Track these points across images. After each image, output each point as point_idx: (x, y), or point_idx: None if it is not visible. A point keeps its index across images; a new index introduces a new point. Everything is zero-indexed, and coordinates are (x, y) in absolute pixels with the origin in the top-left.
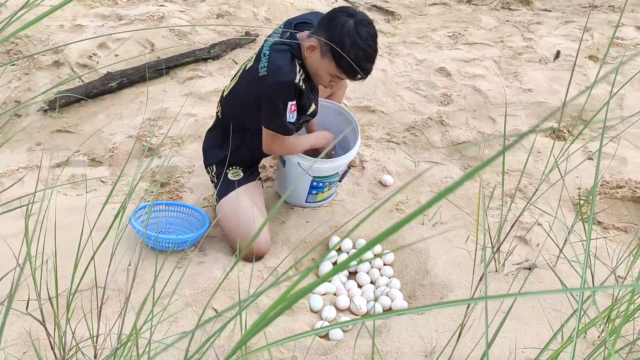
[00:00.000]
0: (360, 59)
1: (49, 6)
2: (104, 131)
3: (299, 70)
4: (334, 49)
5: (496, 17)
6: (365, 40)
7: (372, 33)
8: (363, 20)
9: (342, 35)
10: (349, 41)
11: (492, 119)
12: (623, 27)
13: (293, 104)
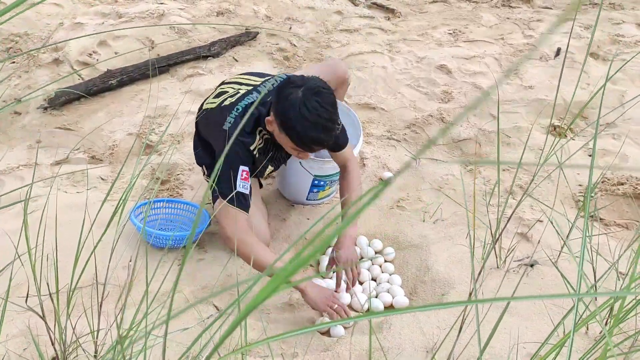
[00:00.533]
0: (308, 131)
1: (51, 4)
2: (104, 129)
3: (259, 137)
4: (283, 124)
5: (497, 15)
6: (312, 111)
7: (324, 100)
8: (313, 88)
9: (287, 109)
10: (294, 114)
11: (492, 115)
12: (623, 24)
13: (244, 170)
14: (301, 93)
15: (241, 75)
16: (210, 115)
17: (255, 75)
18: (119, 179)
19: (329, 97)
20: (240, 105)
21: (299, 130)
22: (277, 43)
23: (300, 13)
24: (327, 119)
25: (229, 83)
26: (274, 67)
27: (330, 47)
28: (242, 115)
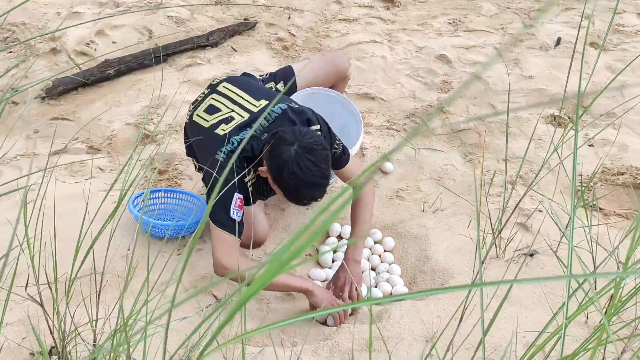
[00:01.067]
0: (300, 189)
1: None
2: (101, 119)
3: (252, 176)
4: (275, 180)
5: (497, 4)
6: (305, 170)
7: (317, 159)
8: (306, 147)
9: (280, 167)
10: (287, 173)
11: (492, 105)
12: (624, 13)
13: (238, 199)
14: (294, 152)
15: (232, 88)
16: (200, 133)
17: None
18: (117, 168)
19: (322, 154)
20: (235, 139)
21: (292, 189)
22: (276, 32)
23: (299, 2)
24: (320, 177)
25: (220, 94)
26: (273, 56)
27: (329, 36)
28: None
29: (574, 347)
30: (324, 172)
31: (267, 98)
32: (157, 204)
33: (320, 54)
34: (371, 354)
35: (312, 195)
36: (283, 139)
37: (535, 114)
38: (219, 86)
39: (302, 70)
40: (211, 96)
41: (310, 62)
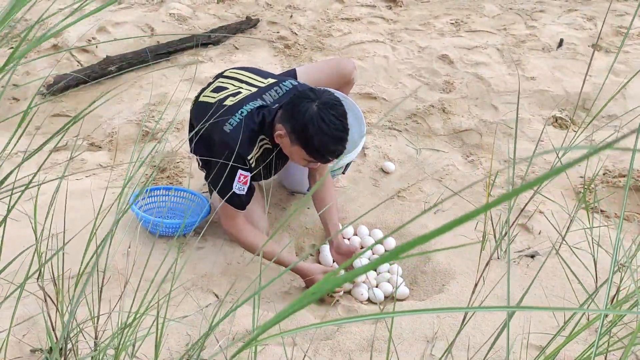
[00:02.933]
0: (327, 144)
1: None
2: (103, 116)
3: (257, 147)
4: (300, 138)
5: (499, 5)
6: (330, 124)
7: (339, 113)
8: (327, 103)
9: (305, 123)
10: (313, 128)
11: (494, 106)
12: (627, 15)
13: (242, 175)
14: (316, 107)
15: (239, 71)
16: (207, 110)
17: (253, 73)
18: (119, 166)
19: (342, 109)
20: (245, 109)
21: (317, 144)
22: (278, 31)
23: (301, 1)
24: (343, 131)
25: (227, 77)
26: (275, 55)
27: (331, 35)
28: (247, 120)
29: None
30: (345, 126)
31: (275, 78)
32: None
33: (324, 56)
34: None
35: (337, 150)
36: (303, 96)
37: (536, 115)
38: (226, 72)
39: (305, 73)
40: (218, 80)
41: (314, 65)
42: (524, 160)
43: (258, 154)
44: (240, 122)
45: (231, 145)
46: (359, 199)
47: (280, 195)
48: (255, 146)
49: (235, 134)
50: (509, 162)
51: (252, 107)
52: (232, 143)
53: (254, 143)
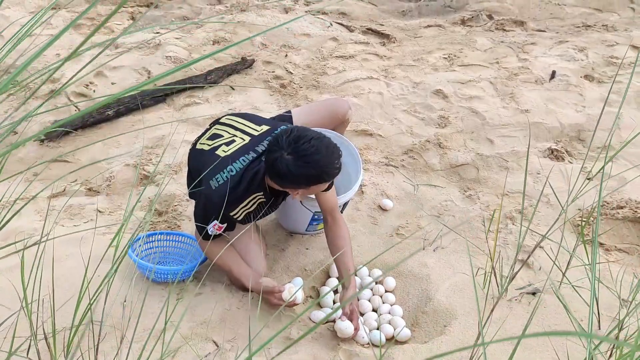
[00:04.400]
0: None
1: (48, 35)
2: (101, 160)
3: (247, 204)
4: (295, 184)
5: (491, 39)
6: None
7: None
8: (292, 140)
9: (290, 173)
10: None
11: (489, 140)
12: (617, 45)
13: (217, 225)
14: (286, 153)
15: (234, 118)
16: (202, 157)
17: (248, 119)
18: (116, 210)
19: (309, 134)
20: (234, 166)
21: (315, 174)
22: (274, 70)
23: (296, 40)
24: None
25: (223, 124)
26: (271, 94)
27: (326, 73)
28: (235, 179)
29: None
30: (321, 140)
31: (269, 125)
32: (155, 247)
33: (319, 94)
34: None
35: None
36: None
37: (532, 147)
38: (222, 119)
39: (300, 114)
40: (215, 127)
41: (310, 106)
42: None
43: (250, 209)
44: (227, 180)
45: (213, 201)
46: (358, 237)
47: (278, 235)
48: (243, 203)
49: (219, 191)
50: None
51: (243, 163)
52: (214, 199)
53: (242, 201)
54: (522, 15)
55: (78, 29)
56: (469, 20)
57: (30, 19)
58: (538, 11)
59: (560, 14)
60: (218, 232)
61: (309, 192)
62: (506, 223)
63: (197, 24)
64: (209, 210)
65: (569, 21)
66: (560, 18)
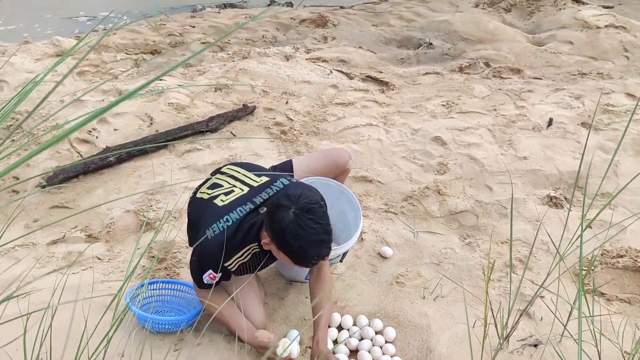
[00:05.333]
0: (307, 250)
1: (52, 82)
2: (101, 206)
3: (242, 255)
4: (280, 246)
5: (488, 86)
6: (308, 230)
7: (317, 217)
8: (304, 207)
9: (283, 232)
10: (291, 237)
11: (488, 187)
12: (613, 93)
13: (212, 274)
14: (293, 215)
15: (235, 168)
16: (201, 206)
17: (248, 170)
18: (115, 257)
19: (320, 212)
20: (231, 216)
21: (298, 251)
22: (274, 117)
23: (296, 87)
24: (324, 233)
25: (223, 174)
26: (271, 141)
27: (326, 120)
28: (231, 229)
29: None
30: (325, 228)
31: (269, 176)
32: (154, 296)
33: (319, 140)
34: None
35: (319, 253)
36: (280, 204)
37: (531, 194)
38: (223, 168)
39: (301, 163)
40: (215, 176)
41: (311, 155)
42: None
43: (244, 260)
44: (223, 230)
45: (209, 250)
46: (357, 285)
47: (277, 284)
48: (237, 254)
49: (215, 241)
50: (506, 243)
51: (240, 213)
52: (210, 249)
53: (237, 252)
54: (518, 63)
55: (82, 75)
56: (467, 67)
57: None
58: (534, 59)
59: (556, 62)
60: (213, 281)
61: (287, 260)
62: (506, 271)
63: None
64: (204, 259)
65: (564, 69)
66: (556, 66)
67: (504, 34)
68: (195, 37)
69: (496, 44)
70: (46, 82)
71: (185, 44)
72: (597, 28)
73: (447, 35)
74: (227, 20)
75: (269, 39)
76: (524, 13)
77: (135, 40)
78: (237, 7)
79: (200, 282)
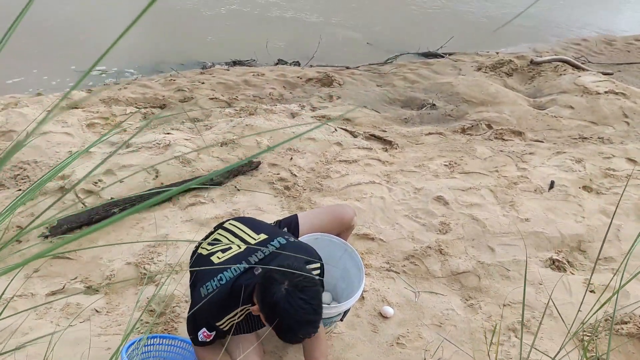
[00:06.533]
0: (293, 328)
1: (61, 133)
2: (102, 257)
3: (234, 316)
4: (268, 319)
5: (490, 147)
6: (298, 309)
7: (309, 296)
8: (297, 285)
9: (273, 307)
10: (280, 313)
11: (490, 248)
12: (614, 158)
13: (206, 332)
14: (285, 291)
15: (237, 224)
16: (199, 262)
17: (249, 226)
18: (113, 310)
19: (313, 291)
20: (225, 275)
21: (285, 329)
22: (278, 173)
23: (301, 144)
24: (313, 313)
25: (225, 229)
26: (275, 196)
27: (329, 177)
28: (223, 288)
29: None
30: (315, 308)
31: (268, 233)
32: (151, 351)
33: (322, 197)
34: None
35: (305, 333)
36: (273, 278)
37: (533, 257)
38: (226, 223)
39: (306, 218)
40: (218, 231)
41: (315, 211)
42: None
43: (236, 320)
44: (215, 289)
45: (201, 309)
46: (357, 346)
47: (276, 342)
48: (229, 315)
49: (208, 300)
50: (508, 306)
51: (234, 272)
52: (202, 307)
53: (229, 312)
54: (520, 125)
55: (92, 127)
56: (469, 129)
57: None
58: (535, 122)
59: (556, 125)
60: (207, 339)
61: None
62: (509, 335)
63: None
64: (197, 317)
65: (565, 133)
66: (557, 129)
67: (505, 97)
68: (204, 93)
69: (498, 106)
70: (55, 133)
71: (193, 99)
72: (597, 94)
73: (450, 97)
74: (236, 78)
75: (275, 97)
76: (525, 78)
77: (146, 95)
78: (246, 64)
79: (196, 339)
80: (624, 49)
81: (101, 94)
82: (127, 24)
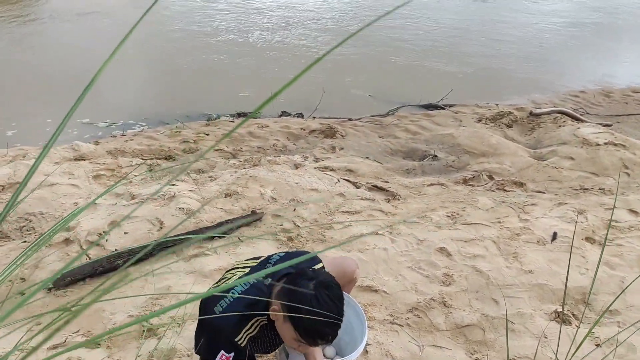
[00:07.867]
0: (318, 326)
1: (68, 185)
2: (105, 309)
3: (250, 327)
4: (291, 317)
5: (492, 198)
6: (323, 305)
7: (334, 295)
8: (324, 282)
9: (299, 301)
10: (307, 306)
11: (494, 300)
12: (616, 209)
13: (224, 355)
14: (313, 286)
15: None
16: (208, 300)
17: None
18: None
19: (337, 291)
20: (236, 290)
21: (307, 324)
22: (282, 224)
23: (304, 195)
24: (337, 314)
25: (228, 271)
26: (278, 247)
27: (332, 228)
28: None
29: None
30: (340, 309)
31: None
32: None
33: (324, 247)
34: None
35: (326, 333)
36: (303, 273)
37: (538, 309)
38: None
39: None
40: (225, 274)
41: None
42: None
43: (252, 333)
44: (231, 303)
45: (217, 326)
46: None
47: None
48: (246, 327)
49: (225, 316)
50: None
51: (245, 286)
52: (219, 324)
53: (245, 324)
54: (521, 176)
55: (98, 179)
56: (471, 179)
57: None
58: (536, 173)
59: (558, 176)
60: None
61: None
62: None
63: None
64: (214, 338)
65: (566, 184)
66: (558, 180)
67: (506, 149)
68: (208, 145)
69: (499, 157)
70: (62, 185)
71: (198, 151)
72: (597, 145)
73: (451, 148)
74: (240, 129)
75: (279, 148)
76: (525, 129)
77: (151, 146)
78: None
79: None
80: (621, 100)
81: (108, 145)
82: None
